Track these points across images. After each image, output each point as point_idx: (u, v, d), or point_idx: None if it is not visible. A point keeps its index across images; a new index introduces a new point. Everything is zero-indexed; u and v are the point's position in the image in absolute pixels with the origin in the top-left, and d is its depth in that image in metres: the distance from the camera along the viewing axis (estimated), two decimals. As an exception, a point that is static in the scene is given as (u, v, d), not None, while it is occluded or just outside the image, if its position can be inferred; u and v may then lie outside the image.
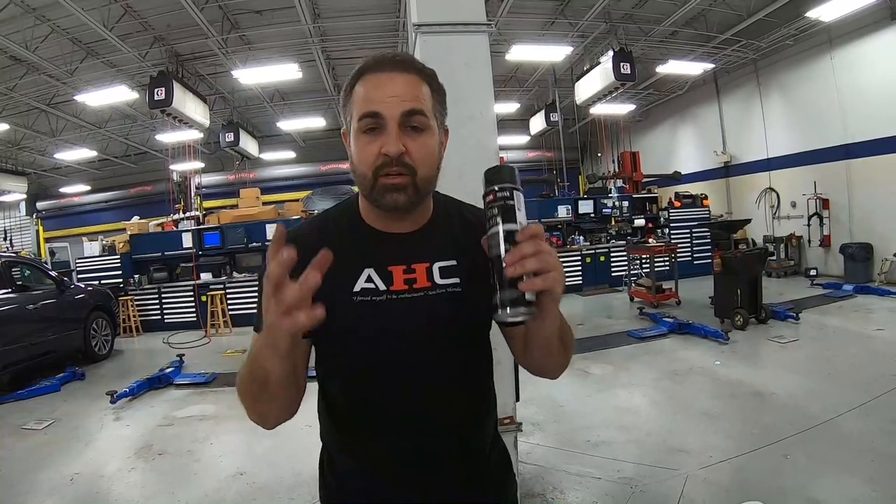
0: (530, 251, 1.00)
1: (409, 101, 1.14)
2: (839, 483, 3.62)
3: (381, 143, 1.13)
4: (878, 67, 10.70)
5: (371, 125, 1.14)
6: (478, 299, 1.24)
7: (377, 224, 1.27)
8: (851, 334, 7.53)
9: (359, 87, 1.17)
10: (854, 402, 4.95)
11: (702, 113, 16.82)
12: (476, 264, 1.25)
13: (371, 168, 1.14)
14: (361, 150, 1.16)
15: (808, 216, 12.63)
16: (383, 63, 1.18)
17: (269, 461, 4.58)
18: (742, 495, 3.49)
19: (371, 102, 1.14)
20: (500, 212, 1.02)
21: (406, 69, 1.18)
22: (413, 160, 1.14)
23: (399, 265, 1.24)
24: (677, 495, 3.60)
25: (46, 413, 6.34)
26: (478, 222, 1.31)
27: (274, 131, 19.35)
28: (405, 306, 1.22)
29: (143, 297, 11.71)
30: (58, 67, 11.65)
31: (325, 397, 1.34)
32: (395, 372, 1.23)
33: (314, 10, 10.92)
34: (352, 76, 1.20)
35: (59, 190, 22.02)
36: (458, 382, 1.28)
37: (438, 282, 1.25)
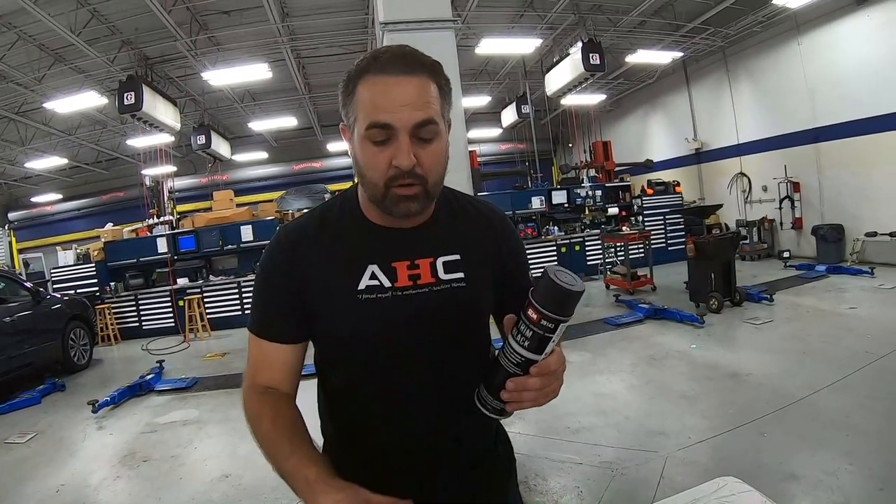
0: (535, 387, 1.02)
1: (420, 111, 1.11)
2: (816, 458, 3.71)
3: (391, 155, 1.11)
4: (845, 52, 10.87)
5: (381, 136, 1.11)
6: (482, 293, 1.30)
7: (379, 219, 1.26)
8: (825, 313, 7.67)
9: (363, 90, 1.13)
10: (829, 380, 5.06)
11: (672, 101, 16.97)
12: (480, 258, 1.30)
13: (382, 179, 1.13)
14: (371, 159, 1.13)
15: (779, 199, 12.83)
16: (389, 64, 1.12)
17: (253, 462, 4.57)
18: (721, 473, 3.54)
19: (380, 111, 1.10)
20: (533, 340, 0.97)
21: (414, 70, 1.12)
22: (424, 171, 1.13)
23: (403, 261, 1.24)
24: (657, 476, 3.68)
25: (29, 426, 6.27)
26: (481, 216, 1.37)
27: (246, 132, 19.20)
28: (410, 303, 1.22)
29: (120, 304, 11.58)
30: (25, 75, 11.46)
31: (327, 394, 1.34)
32: (401, 369, 1.23)
33: (283, 9, 10.85)
34: (354, 73, 1.16)
35: (30, 200, 21.62)
36: (464, 376, 1.25)
37: (443, 277, 1.25)
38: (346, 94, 1.17)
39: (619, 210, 14.31)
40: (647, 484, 3.62)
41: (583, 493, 3.63)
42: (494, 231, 1.38)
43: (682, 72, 16.01)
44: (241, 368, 5.23)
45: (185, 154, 19.06)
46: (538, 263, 12.85)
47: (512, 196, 14.24)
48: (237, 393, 5.12)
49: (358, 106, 1.14)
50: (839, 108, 11.15)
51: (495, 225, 1.39)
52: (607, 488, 3.64)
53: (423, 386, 1.25)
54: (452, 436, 1.28)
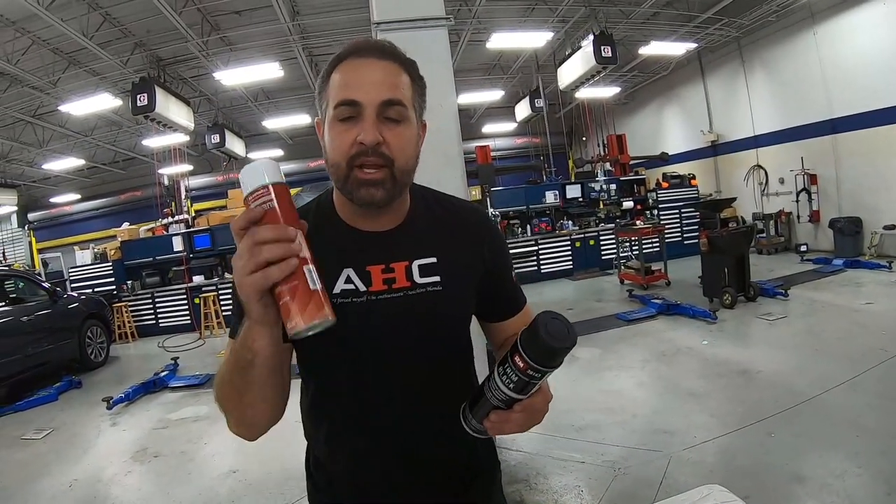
0: (517, 421, 1.02)
1: (388, 90, 1.10)
2: (824, 459, 3.66)
3: (357, 132, 1.08)
4: (861, 41, 10.70)
5: (348, 113, 1.09)
6: (459, 296, 1.26)
7: (353, 221, 1.23)
8: (840, 309, 7.55)
9: (335, 74, 1.13)
10: (841, 378, 4.98)
11: (687, 93, 16.80)
12: (458, 260, 1.27)
13: (346, 157, 1.09)
14: (335, 137, 1.11)
15: (796, 192, 12.65)
16: (363, 49, 1.13)
17: (259, 458, 4.62)
18: (725, 474, 3.55)
19: (348, 89, 1.09)
20: (518, 384, 0.95)
21: (386, 56, 1.13)
22: (391, 150, 1.09)
23: (377, 265, 1.20)
24: (660, 476, 3.66)
25: (45, 422, 6.40)
26: (460, 216, 1.34)
27: (260, 130, 19.31)
28: (385, 307, 1.19)
29: (136, 302, 11.75)
30: (40, 79, 11.60)
31: (308, 396, 1.32)
32: (377, 373, 1.21)
33: (293, 7, 10.89)
34: (329, 63, 1.16)
35: (49, 200, 21.93)
36: (442, 380, 1.26)
37: (418, 280, 1.22)
38: (321, 85, 1.16)
39: (634, 204, 14.21)
40: (649, 484, 3.59)
41: (583, 493, 3.62)
42: (474, 232, 1.34)
43: (697, 63, 15.83)
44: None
45: (201, 153, 19.21)
46: (553, 258, 12.88)
47: (526, 190, 14.19)
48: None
49: (329, 91, 1.13)
50: (856, 97, 10.96)
51: (475, 225, 1.36)
52: (608, 488, 3.62)
53: (399, 391, 1.23)
54: (429, 441, 1.27)
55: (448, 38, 3.11)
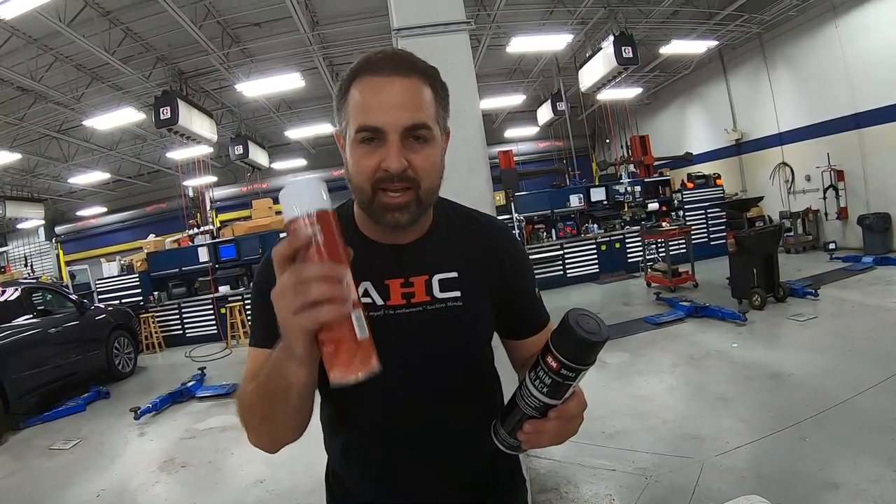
0: (553, 430, 0.99)
1: (412, 113, 1.06)
2: (858, 465, 3.55)
3: (380, 157, 1.06)
4: (884, 33, 10.48)
5: (370, 137, 1.06)
6: (480, 312, 1.25)
7: (373, 234, 1.21)
8: (871, 308, 7.38)
9: (354, 91, 1.08)
10: (874, 380, 4.84)
11: (710, 91, 16.61)
12: (479, 275, 1.24)
13: (370, 181, 1.08)
14: (359, 161, 1.08)
15: (823, 189, 12.43)
16: (381, 65, 1.08)
17: (287, 468, 4.62)
18: (758, 481, 3.47)
19: (370, 113, 1.05)
20: (552, 387, 0.92)
21: (406, 71, 1.08)
22: (416, 173, 1.08)
23: (396, 278, 1.19)
24: (692, 484, 3.58)
25: (73, 433, 6.48)
26: (482, 230, 1.32)
27: (283, 140, 19.45)
28: (403, 322, 1.17)
29: (163, 313, 11.88)
30: (64, 94, 11.81)
31: (327, 410, 1.30)
32: (395, 388, 1.17)
33: (312, 18, 10.94)
34: (347, 76, 1.12)
35: (76, 213, 22.32)
36: (461, 396, 1.24)
37: (438, 295, 1.20)
38: (339, 99, 1.13)
39: (659, 205, 14.05)
40: (681, 492, 3.52)
41: (615, 501, 3.56)
42: (496, 246, 1.32)
43: (719, 61, 15.64)
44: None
45: (225, 164, 19.40)
46: (579, 262, 12.79)
47: (550, 194, 14.10)
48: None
49: (349, 109, 1.09)
50: (881, 91, 10.75)
51: (497, 240, 1.33)
52: (640, 496, 3.56)
53: (416, 406, 1.20)
54: (447, 456, 1.24)
55: (469, 42, 3.08)
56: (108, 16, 9.60)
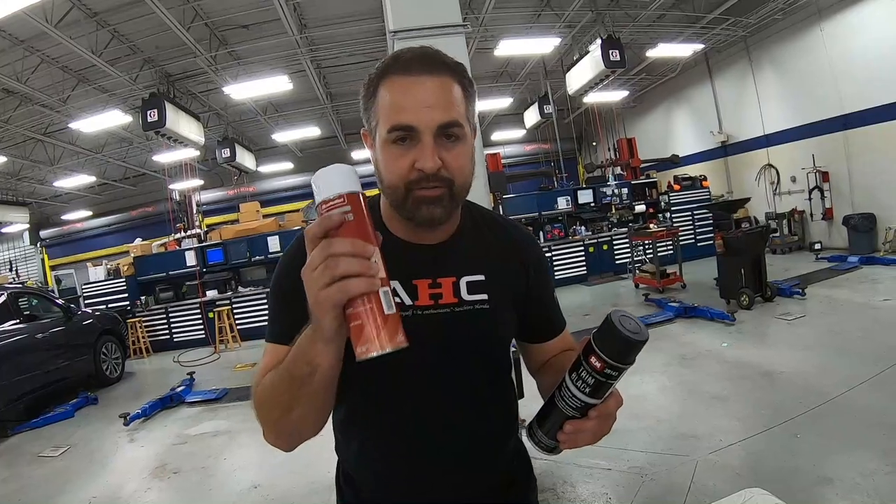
0: (592, 429, 1.00)
1: (444, 112, 1.06)
2: (852, 459, 3.59)
3: (414, 157, 1.06)
4: (868, 36, 10.61)
5: (403, 137, 1.06)
6: (505, 315, 1.26)
7: (402, 233, 1.21)
8: (859, 306, 7.49)
9: (384, 91, 1.08)
10: (864, 376, 4.92)
11: (696, 94, 16.74)
12: (504, 279, 1.26)
13: (404, 181, 1.08)
14: (393, 162, 1.08)
15: (808, 190, 12.55)
16: (411, 64, 1.08)
17: (282, 473, 4.60)
18: (753, 478, 3.49)
19: (402, 112, 1.05)
20: (595, 387, 0.94)
21: (436, 70, 1.08)
22: (450, 171, 1.08)
23: (424, 279, 1.19)
24: (688, 482, 3.60)
25: (62, 439, 6.39)
26: (507, 235, 1.33)
27: (270, 143, 19.40)
28: (430, 322, 1.17)
29: (150, 317, 11.77)
30: (50, 97, 11.72)
31: (342, 411, 1.29)
32: (419, 389, 1.19)
33: (300, 20, 10.93)
34: (375, 74, 1.11)
35: (61, 217, 22.12)
36: (483, 398, 1.25)
37: (465, 298, 1.21)
38: (367, 98, 1.12)
39: (647, 207, 14.12)
40: (677, 490, 3.55)
41: (612, 500, 3.58)
42: (520, 251, 1.33)
43: (705, 64, 15.79)
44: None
45: (211, 167, 19.30)
46: (567, 264, 12.82)
47: (537, 197, 14.12)
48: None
49: (379, 109, 1.09)
50: (866, 93, 10.88)
51: (521, 244, 1.35)
52: (637, 494, 3.58)
53: (438, 407, 1.21)
54: (466, 456, 1.24)
55: (465, 45, 3.09)
56: (96, 17, 9.52)
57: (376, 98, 1.10)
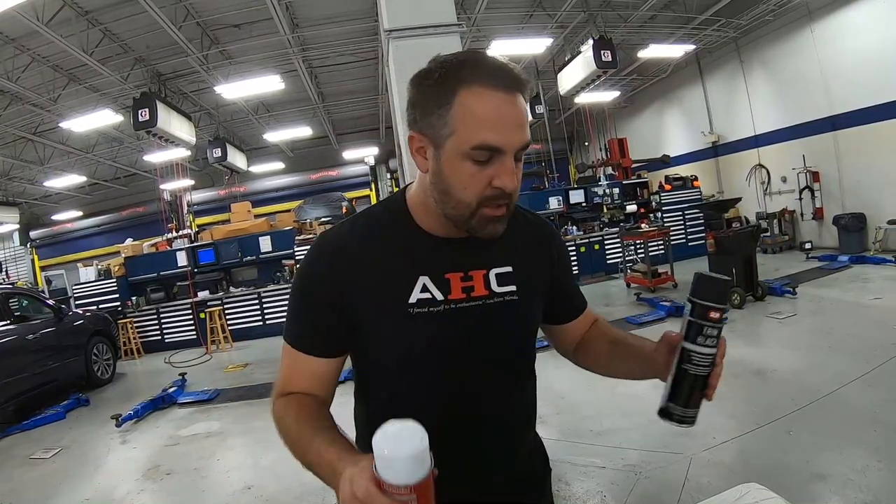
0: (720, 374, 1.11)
1: (525, 133, 1.07)
2: (844, 456, 3.62)
3: (491, 175, 1.05)
4: (859, 38, 10.68)
5: (485, 157, 1.04)
6: (532, 306, 1.29)
7: (431, 227, 1.20)
8: (850, 305, 7.55)
9: (469, 102, 1.03)
10: (856, 374, 4.95)
11: (687, 95, 16.80)
12: (531, 270, 1.28)
13: (477, 199, 1.07)
14: (469, 178, 1.06)
15: (799, 190, 12.64)
16: (497, 77, 1.04)
17: (275, 473, 4.59)
18: (746, 474, 3.51)
19: (493, 131, 1.03)
20: (717, 335, 1.06)
21: (518, 87, 1.06)
22: (515, 190, 1.10)
23: (456, 272, 1.20)
24: (682, 479, 3.62)
25: (54, 441, 6.34)
26: (532, 227, 1.36)
27: (261, 143, 19.33)
28: (463, 316, 1.18)
29: (141, 318, 11.72)
30: (41, 96, 11.63)
31: (368, 409, 1.30)
32: (454, 384, 1.20)
33: (292, 20, 10.89)
34: (452, 77, 1.05)
35: (51, 218, 21.98)
36: (513, 389, 1.28)
37: (496, 290, 1.22)
38: (438, 102, 1.06)
39: (638, 207, 14.17)
40: (671, 487, 3.56)
41: (606, 498, 3.59)
42: (546, 242, 1.37)
43: (696, 65, 15.84)
44: (264, 379, 5.32)
45: (203, 167, 19.21)
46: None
47: (529, 197, 14.08)
48: (259, 404, 5.18)
49: (459, 119, 1.04)
50: (856, 94, 10.96)
51: (545, 235, 1.38)
52: (631, 492, 3.59)
53: (477, 401, 1.22)
54: (497, 448, 1.27)
55: (461, 44, 3.09)
56: (87, 16, 9.46)
57: (453, 105, 1.04)
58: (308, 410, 1.15)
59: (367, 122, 19.67)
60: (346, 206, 16.96)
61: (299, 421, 1.12)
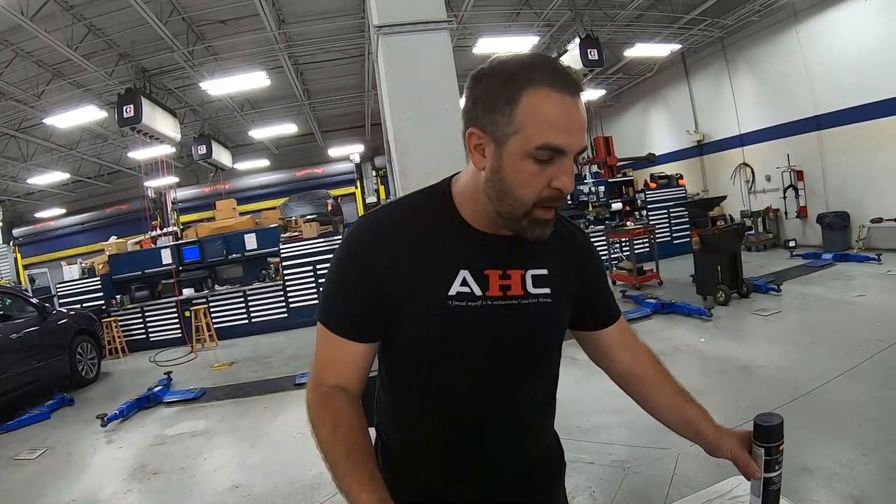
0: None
1: (584, 137, 1.09)
2: (829, 449, 3.67)
3: (551, 176, 1.07)
4: (844, 38, 10.80)
5: (547, 157, 1.05)
6: (563, 309, 1.31)
7: (476, 223, 1.21)
8: (833, 302, 7.65)
9: (537, 101, 1.04)
10: (840, 369, 5.03)
11: (672, 94, 16.92)
12: (564, 274, 1.31)
13: (535, 198, 1.08)
14: (529, 178, 1.07)
15: (783, 189, 12.78)
16: (564, 80, 1.06)
17: (263, 472, 4.58)
18: (734, 469, 3.53)
19: (559, 133, 1.04)
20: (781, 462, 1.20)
21: (580, 91, 1.08)
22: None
23: (496, 269, 1.21)
24: (670, 474, 3.65)
25: (39, 442, 6.27)
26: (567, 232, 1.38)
27: (246, 140, 19.25)
28: (499, 313, 1.20)
29: (126, 317, 11.59)
30: (24, 91, 11.49)
31: (393, 396, 1.32)
32: (485, 380, 1.22)
33: (278, 16, 10.84)
34: (519, 77, 1.06)
35: (34, 215, 21.78)
36: (540, 387, 1.31)
37: (531, 291, 1.24)
38: (502, 100, 1.06)
39: (623, 205, 14.18)
40: (660, 482, 3.59)
41: (595, 493, 3.61)
42: (579, 248, 1.39)
43: (682, 64, 15.95)
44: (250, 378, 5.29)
45: (187, 164, 19.11)
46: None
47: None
48: (245, 403, 5.15)
49: (526, 118, 1.04)
50: (840, 94, 11.09)
51: (580, 242, 1.40)
52: (620, 487, 3.62)
53: (505, 398, 1.25)
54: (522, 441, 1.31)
55: (450, 41, 3.10)
56: (72, 10, 9.34)
57: (519, 104, 1.05)
58: (344, 427, 1.16)
59: (353, 119, 19.62)
60: (331, 204, 16.92)
61: (335, 437, 1.15)
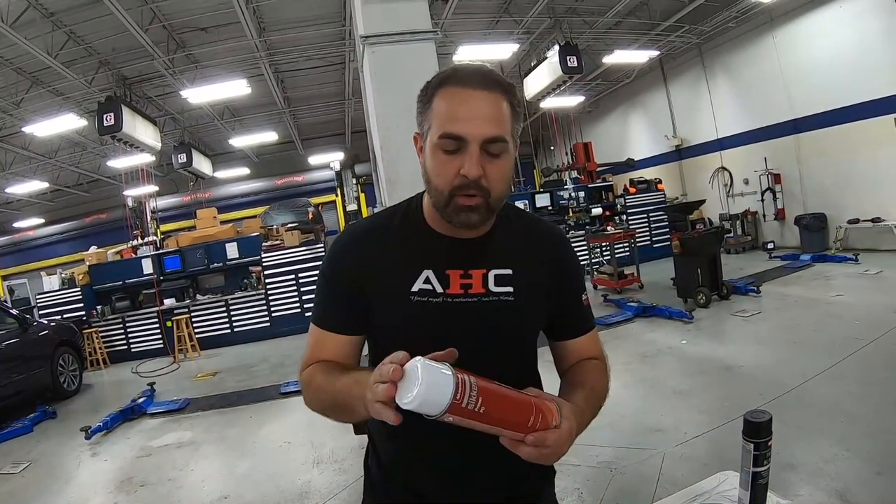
0: None
1: (492, 126, 1.15)
2: (813, 446, 3.75)
3: (460, 164, 1.15)
4: (820, 43, 11.04)
5: (453, 147, 1.15)
6: (529, 308, 1.33)
7: (441, 228, 1.30)
8: (813, 302, 7.77)
9: (440, 100, 1.17)
10: (820, 367, 5.14)
11: (650, 99, 17.12)
12: (532, 275, 1.33)
13: (448, 186, 1.17)
14: (440, 166, 1.18)
15: (761, 192, 12.96)
16: (468, 78, 1.17)
17: (251, 481, 4.56)
18: (719, 467, 3.56)
19: (454, 122, 1.14)
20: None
21: (490, 86, 1.17)
22: (489, 182, 1.17)
23: (457, 269, 1.28)
24: (656, 474, 3.71)
25: (22, 455, 6.17)
26: (540, 235, 1.42)
27: (227, 148, 19.08)
28: (459, 310, 1.27)
29: (107, 328, 11.42)
30: (3, 99, 11.38)
31: None
32: None
33: (259, 24, 10.82)
34: (433, 83, 1.20)
35: (12, 225, 21.48)
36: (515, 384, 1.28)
37: (493, 289, 1.29)
38: (423, 104, 1.21)
39: (603, 210, 14.31)
40: (646, 481, 3.64)
41: (583, 495, 3.64)
42: (550, 250, 1.41)
43: (660, 70, 16.15)
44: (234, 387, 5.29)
45: (167, 173, 18.94)
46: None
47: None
48: (231, 412, 5.13)
49: (433, 115, 1.17)
50: (816, 98, 11.29)
51: (551, 243, 1.43)
52: (607, 488, 3.66)
53: None
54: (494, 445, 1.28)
55: (436, 50, 3.14)
56: (52, 17, 9.24)
57: (431, 105, 1.19)
58: (335, 364, 1.30)
59: (333, 127, 19.60)
60: (311, 212, 16.86)
61: (327, 372, 1.27)
